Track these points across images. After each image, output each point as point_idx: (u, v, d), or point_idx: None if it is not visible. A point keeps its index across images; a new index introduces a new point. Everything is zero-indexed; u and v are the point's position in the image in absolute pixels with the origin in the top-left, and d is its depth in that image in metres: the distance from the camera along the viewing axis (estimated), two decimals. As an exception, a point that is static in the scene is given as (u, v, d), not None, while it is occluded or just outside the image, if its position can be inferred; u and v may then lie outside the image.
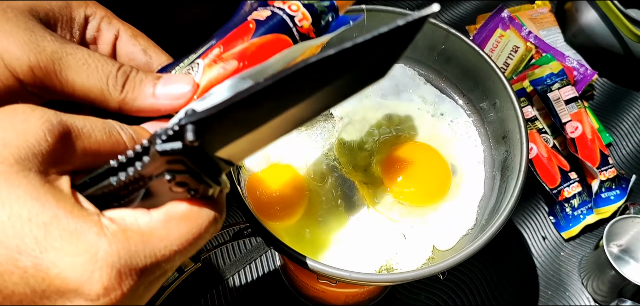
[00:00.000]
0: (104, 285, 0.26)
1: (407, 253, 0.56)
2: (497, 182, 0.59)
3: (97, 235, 0.26)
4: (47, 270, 0.25)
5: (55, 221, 0.26)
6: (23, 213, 0.25)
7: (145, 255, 0.28)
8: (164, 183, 0.29)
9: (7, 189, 0.25)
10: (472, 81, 0.64)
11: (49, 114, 0.28)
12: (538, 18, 1.09)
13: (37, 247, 0.25)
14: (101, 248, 0.26)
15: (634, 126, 1.01)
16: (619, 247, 0.84)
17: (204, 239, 0.31)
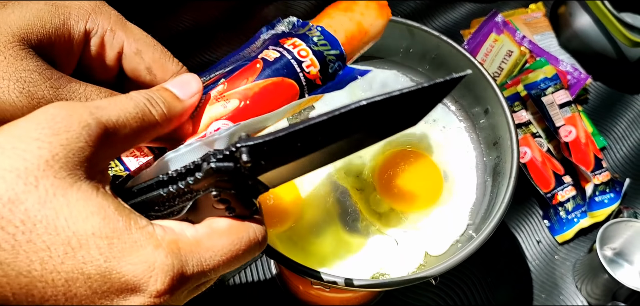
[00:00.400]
0: (157, 289, 0.28)
1: (400, 258, 0.57)
2: (488, 187, 0.60)
3: (154, 247, 0.29)
4: (110, 275, 0.27)
5: (116, 234, 0.28)
6: (87, 228, 0.27)
7: (194, 264, 0.30)
8: (209, 199, 0.32)
9: (68, 206, 0.27)
10: (464, 88, 0.65)
11: (85, 116, 0.29)
12: (532, 22, 1.10)
13: (101, 257, 0.27)
14: (158, 259, 0.29)
15: (628, 129, 1.01)
16: (613, 250, 0.85)
17: (246, 255, 0.34)
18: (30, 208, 0.26)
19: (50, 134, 0.28)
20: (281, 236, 0.57)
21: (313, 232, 0.57)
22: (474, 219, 0.59)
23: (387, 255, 0.57)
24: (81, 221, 0.27)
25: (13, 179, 0.26)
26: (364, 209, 0.59)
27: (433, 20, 1.14)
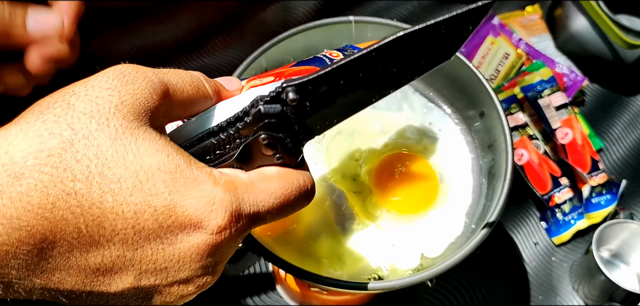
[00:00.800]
0: (219, 224, 0.31)
1: (396, 260, 0.57)
2: (484, 190, 0.61)
3: (213, 184, 0.31)
4: (175, 208, 0.30)
5: (179, 170, 0.30)
6: (153, 162, 0.30)
7: (250, 203, 0.33)
8: (258, 144, 0.34)
9: (135, 143, 0.30)
10: (460, 91, 0.65)
11: (150, 73, 0.33)
12: (529, 25, 1.11)
13: (166, 190, 0.30)
14: (217, 194, 0.31)
15: (625, 131, 1.02)
16: (610, 252, 0.85)
17: (297, 201, 0.37)
18: (102, 143, 0.29)
19: (120, 85, 0.31)
20: (279, 240, 0.58)
21: (310, 235, 0.58)
22: (470, 222, 0.60)
23: (384, 257, 0.57)
24: (147, 156, 0.30)
25: (87, 120, 0.29)
26: (360, 211, 0.60)
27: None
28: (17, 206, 0.27)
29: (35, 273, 0.29)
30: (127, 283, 0.31)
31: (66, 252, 0.29)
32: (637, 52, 0.99)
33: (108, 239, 0.29)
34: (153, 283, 0.31)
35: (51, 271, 0.29)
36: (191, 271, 0.31)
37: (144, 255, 0.30)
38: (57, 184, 0.28)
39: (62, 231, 0.28)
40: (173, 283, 0.32)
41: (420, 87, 0.70)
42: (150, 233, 0.30)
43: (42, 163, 0.28)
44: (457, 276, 0.84)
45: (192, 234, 0.30)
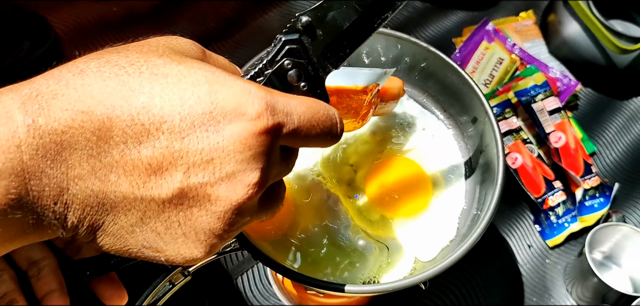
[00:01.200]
0: (256, 109, 0.34)
1: (391, 263, 0.59)
2: (476, 194, 0.62)
3: (249, 82, 0.35)
4: (216, 95, 0.33)
5: (218, 72, 0.35)
6: (195, 65, 0.35)
7: (283, 103, 0.36)
8: (283, 72, 0.40)
9: (181, 59, 0.35)
10: (453, 97, 0.67)
11: (188, 39, 0.39)
12: (523, 30, 1.12)
13: (207, 82, 0.33)
14: (253, 87, 0.34)
15: (617, 135, 1.03)
16: (603, 254, 0.87)
17: (325, 129, 0.39)
18: (151, 56, 0.34)
19: (167, 41, 0.38)
20: (275, 244, 0.59)
21: (306, 239, 0.59)
22: (462, 225, 0.61)
23: (379, 261, 0.59)
24: (189, 64, 0.34)
25: (138, 46, 0.36)
26: (355, 216, 0.61)
27: (425, 29, 1.16)
28: (79, 93, 0.31)
29: (95, 169, 0.32)
30: (176, 182, 0.33)
31: (121, 143, 0.32)
32: (629, 57, 1.00)
33: (157, 128, 0.32)
34: (201, 181, 0.33)
35: (108, 169, 0.32)
36: (236, 164, 0.33)
37: (191, 145, 0.32)
38: (113, 77, 0.32)
39: (118, 117, 0.32)
40: (220, 182, 0.33)
41: (414, 93, 0.71)
42: (194, 119, 0.32)
43: (101, 65, 0.33)
44: (451, 278, 0.85)
45: (233, 121, 0.33)
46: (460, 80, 0.64)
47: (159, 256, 0.36)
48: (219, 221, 0.34)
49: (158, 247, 0.35)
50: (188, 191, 0.33)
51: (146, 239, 0.35)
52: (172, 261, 0.36)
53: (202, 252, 0.36)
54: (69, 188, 0.32)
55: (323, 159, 0.65)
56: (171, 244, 0.35)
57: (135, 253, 0.36)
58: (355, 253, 0.59)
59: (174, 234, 0.35)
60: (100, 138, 0.32)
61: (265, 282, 0.84)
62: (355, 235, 0.60)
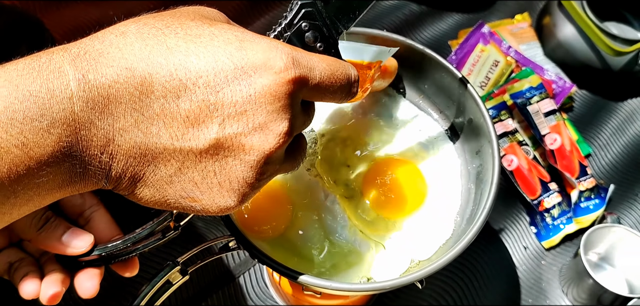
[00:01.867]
0: (284, 62, 0.37)
1: (387, 263, 0.60)
2: (472, 194, 0.63)
3: (274, 40, 0.38)
4: (246, 51, 0.36)
5: (246, 32, 0.38)
6: (224, 26, 0.38)
7: (306, 59, 0.39)
8: (301, 35, 0.44)
9: (211, 22, 0.38)
10: (448, 98, 0.68)
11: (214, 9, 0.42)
12: (518, 33, 1.14)
13: (237, 40, 0.37)
14: (279, 44, 0.37)
15: (612, 137, 1.05)
16: (598, 255, 0.88)
17: (344, 84, 0.42)
18: (185, 19, 0.38)
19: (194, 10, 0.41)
20: (273, 243, 0.60)
21: (304, 239, 0.60)
22: (458, 225, 0.62)
23: (375, 260, 0.60)
24: (219, 26, 0.38)
25: (173, 12, 0.39)
26: (352, 216, 0.62)
27: (421, 31, 1.17)
28: (123, 52, 0.35)
29: (138, 122, 0.35)
30: (212, 133, 0.36)
31: (161, 97, 0.35)
32: (623, 59, 1.02)
33: (193, 82, 0.35)
34: (235, 131, 0.36)
35: (150, 121, 0.35)
36: (267, 114, 0.36)
37: (225, 98, 0.35)
38: (152, 37, 0.36)
39: (157, 73, 0.35)
40: (253, 132, 0.36)
41: (410, 95, 0.72)
42: (228, 74, 0.35)
43: (140, 27, 0.36)
44: (448, 280, 0.86)
45: (263, 74, 0.36)
46: (456, 81, 0.65)
47: (195, 205, 0.39)
48: (252, 170, 0.38)
49: (195, 196, 0.38)
50: (224, 142, 0.36)
51: (184, 189, 0.38)
52: (206, 210, 0.39)
53: (235, 201, 0.39)
54: (114, 138, 0.35)
55: (320, 160, 0.66)
56: (207, 194, 0.38)
57: (173, 203, 0.39)
58: (353, 252, 0.60)
59: (210, 183, 0.38)
60: (143, 93, 0.35)
61: (262, 284, 0.85)
62: (353, 235, 0.61)
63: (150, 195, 0.38)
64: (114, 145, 0.35)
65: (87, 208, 0.55)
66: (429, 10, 1.21)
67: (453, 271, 0.87)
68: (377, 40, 0.68)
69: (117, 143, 0.35)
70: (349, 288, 0.51)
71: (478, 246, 0.90)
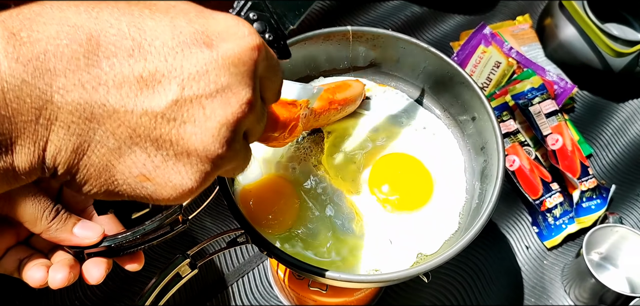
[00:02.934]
0: (248, 30, 0.35)
1: (394, 257, 0.62)
2: (477, 190, 0.65)
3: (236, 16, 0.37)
4: (206, 20, 0.35)
5: (204, 8, 0.36)
6: (183, 2, 0.35)
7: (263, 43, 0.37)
8: (250, 22, 0.43)
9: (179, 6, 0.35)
10: (452, 96, 0.70)
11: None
12: (519, 34, 1.16)
13: (195, 10, 0.35)
14: (240, 20, 0.36)
15: (613, 137, 1.07)
16: (600, 255, 0.90)
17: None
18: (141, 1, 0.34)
19: None
20: (281, 238, 0.62)
21: (311, 233, 0.62)
22: (464, 220, 0.64)
23: (382, 254, 0.62)
24: (177, 2, 0.35)
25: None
26: (359, 211, 0.64)
27: (424, 32, 1.20)
28: (65, 13, 0.31)
29: (82, 81, 0.31)
30: (170, 94, 0.32)
31: (111, 56, 0.31)
32: (625, 60, 1.04)
33: (149, 43, 0.32)
34: (196, 93, 0.33)
35: (97, 81, 0.31)
36: (231, 77, 0.34)
37: (185, 60, 0.33)
38: (103, 8, 0.32)
39: (106, 32, 0.31)
40: (215, 94, 0.33)
41: (414, 94, 0.74)
42: (187, 37, 0.33)
43: (89, 5, 0.32)
44: (451, 279, 0.88)
45: (226, 39, 0.34)
46: (460, 80, 0.67)
47: (147, 186, 0.35)
48: (213, 139, 0.34)
49: (147, 173, 0.34)
50: (182, 104, 0.33)
51: (135, 164, 0.33)
52: (159, 193, 0.35)
53: (193, 179, 0.35)
54: (53, 98, 0.31)
55: (327, 156, 0.68)
56: (161, 170, 0.34)
57: (121, 185, 0.34)
58: (359, 245, 0.62)
59: (165, 156, 0.34)
60: (89, 51, 0.31)
61: (266, 284, 0.86)
62: (359, 229, 0.63)
63: (96, 175, 0.33)
64: (52, 106, 0.31)
65: (90, 205, 0.56)
66: (431, 11, 1.23)
67: (456, 271, 0.89)
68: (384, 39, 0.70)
69: (56, 104, 0.31)
70: (355, 278, 0.53)
71: (481, 246, 0.92)
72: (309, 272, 0.53)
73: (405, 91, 0.74)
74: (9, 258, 0.55)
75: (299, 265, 0.53)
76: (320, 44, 0.71)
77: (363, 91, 0.71)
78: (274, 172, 0.67)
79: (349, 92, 0.67)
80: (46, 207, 0.50)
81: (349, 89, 0.68)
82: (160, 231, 0.53)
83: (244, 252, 0.89)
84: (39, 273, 0.51)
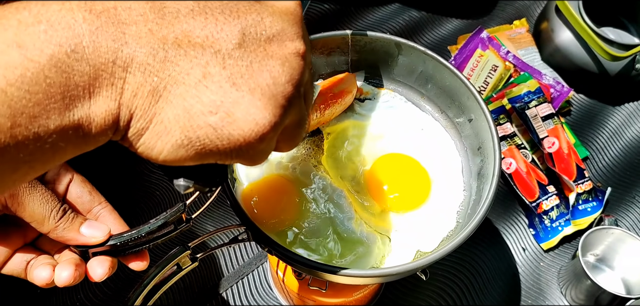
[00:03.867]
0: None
1: (393, 255, 0.64)
2: (474, 189, 0.67)
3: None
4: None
5: None
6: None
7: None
8: None
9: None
10: (449, 98, 0.72)
11: None
12: (516, 38, 1.18)
13: None
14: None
15: (609, 140, 1.09)
16: (596, 257, 0.92)
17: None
18: None
19: None
20: (281, 235, 0.64)
21: (311, 231, 0.64)
22: (461, 218, 0.66)
23: (381, 252, 0.64)
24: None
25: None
26: (358, 209, 0.66)
27: (421, 36, 1.22)
28: None
29: (152, 26, 0.33)
30: (236, 31, 0.34)
31: (175, 11, 0.33)
32: (620, 64, 1.07)
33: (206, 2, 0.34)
34: (256, 35, 0.35)
35: (167, 28, 0.33)
36: (290, 26, 0.36)
37: (242, 11, 0.35)
38: None
39: None
40: (273, 38, 0.36)
41: (412, 97, 0.76)
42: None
43: None
44: (448, 280, 0.90)
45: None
46: (457, 82, 0.69)
47: (227, 121, 0.34)
48: (279, 74, 0.35)
49: (226, 110, 0.34)
50: (246, 46, 0.34)
51: (213, 102, 0.34)
52: (241, 128, 0.35)
53: (271, 113, 0.35)
54: (127, 43, 0.32)
55: (327, 156, 0.70)
56: (240, 104, 0.34)
57: (200, 129, 0.34)
58: (359, 243, 0.64)
59: (240, 90, 0.34)
60: (154, 6, 0.33)
61: (266, 285, 0.88)
62: (359, 227, 0.65)
63: (174, 120, 0.34)
64: (128, 49, 0.32)
65: (96, 205, 0.60)
66: (429, 15, 1.26)
67: (453, 272, 0.91)
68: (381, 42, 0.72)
69: (130, 47, 0.32)
70: (354, 273, 0.55)
71: (478, 247, 0.94)
72: (309, 267, 0.55)
73: (404, 94, 0.77)
74: (16, 260, 0.58)
75: (299, 261, 0.55)
76: (320, 48, 0.73)
77: (354, 81, 0.74)
78: (275, 172, 0.69)
79: (341, 86, 0.70)
80: (54, 206, 0.53)
81: (340, 83, 0.70)
82: (165, 229, 0.55)
83: (244, 254, 0.91)
84: (45, 272, 0.54)
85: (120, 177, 0.98)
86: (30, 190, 0.53)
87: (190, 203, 0.56)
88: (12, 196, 0.52)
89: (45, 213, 0.53)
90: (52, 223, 0.53)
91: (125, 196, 0.96)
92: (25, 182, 0.34)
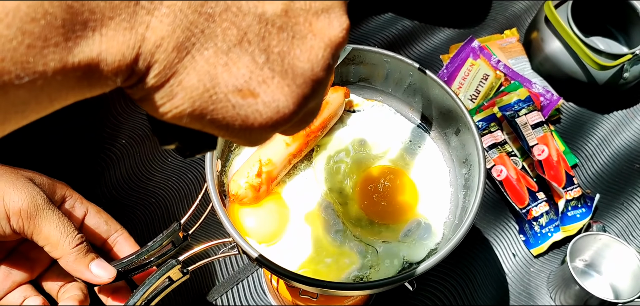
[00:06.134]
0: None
1: (380, 266, 0.63)
2: (460, 200, 0.67)
3: None
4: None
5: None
6: None
7: None
8: None
9: None
10: (437, 110, 0.72)
11: None
12: (507, 47, 1.18)
13: None
14: None
15: (598, 148, 1.09)
16: (584, 262, 0.92)
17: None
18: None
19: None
20: (270, 247, 0.64)
21: (300, 243, 0.64)
22: (448, 229, 0.66)
23: (368, 263, 0.63)
24: None
25: None
26: (346, 221, 0.66)
27: (414, 46, 1.22)
28: None
29: None
30: (281, 3, 0.29)
31: None
32: (608, 73, 1.06)
33: None
34: (304, 7, 0.30)
35: None
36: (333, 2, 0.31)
37: None
38: None
39: None
40: (321, 13, 0.31)
41: (400, 108, 0.76)
42: None
43: None
44: (439, 286, 0.90)
45: None
46: (443, 94, 0.69)
47: (251, 101, 0.29)
48: (318, 59, 0.31)
49: (253, 88, 0.29)
50: (292, 15, 0.30)
51: (243, 74, 0.29)
52: (260, 112, 0.30)
53: (293, 102, 0.30)
54: None
55: (316, 168, 0.70)
56: (268, 86, 0.30)
57: (220, 102, 0.29)
58: (346, 254, 0.64)
59: (273, 69, 0.29)
60: None
61: (260, 291, 0.88)
62: (347, 239, 0.65)
63: (195, 83, 0.28)
64: None
65: (113, 233, 0.63)
66: (421, 25, 1.26)
67: (444, 278, 0.91)
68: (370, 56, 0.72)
69: None
70: (342, 285, 0.55)
71: (469, 253, 0.94)
72: (297, 281, 0.55)
73: (393, 106, 0.76)
74: (16, 293, 0.59)
75: (287, 274, 0.55)
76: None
77: (343, 100, 0.73)
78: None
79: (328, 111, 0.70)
80: (70, 232, 0.56)
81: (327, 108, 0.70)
82: (165, 248, 0.57)
83: (239, 261, 0.91)
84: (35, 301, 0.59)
85: (116, 200, 0.98)
86: (47, 212, 0.56)
87: (185, 222, 0.57)
88: (28, 217, 0.55)
89: (61, 237, 0.55)
90: (67, 248, 0.56)
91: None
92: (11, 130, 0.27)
